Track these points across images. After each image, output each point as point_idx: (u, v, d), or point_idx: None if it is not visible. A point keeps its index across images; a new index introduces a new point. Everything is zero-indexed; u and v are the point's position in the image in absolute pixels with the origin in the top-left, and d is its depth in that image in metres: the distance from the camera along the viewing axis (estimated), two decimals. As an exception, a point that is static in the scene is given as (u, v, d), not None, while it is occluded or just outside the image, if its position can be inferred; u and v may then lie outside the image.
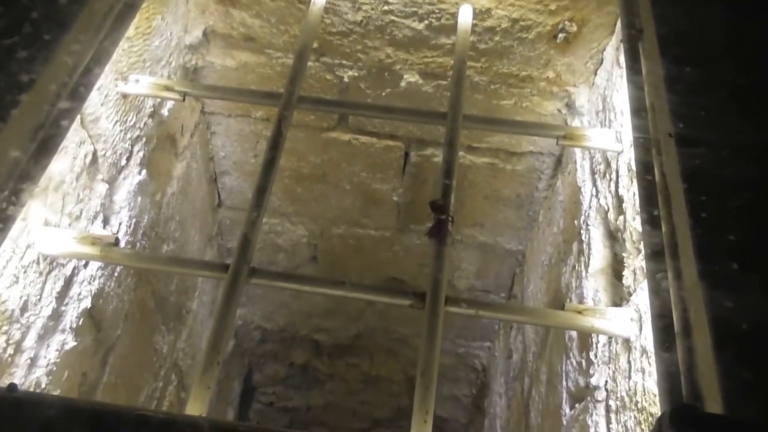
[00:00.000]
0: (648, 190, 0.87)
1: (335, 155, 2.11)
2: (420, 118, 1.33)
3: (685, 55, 0.89)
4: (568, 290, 1.55)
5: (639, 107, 0.97)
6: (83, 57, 1.01)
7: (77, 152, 1.18)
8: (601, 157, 1.42)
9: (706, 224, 0.73)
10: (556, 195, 1.86)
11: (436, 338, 1.00)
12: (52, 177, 1.11)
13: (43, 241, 1.06)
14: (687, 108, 0.83)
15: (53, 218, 1.12)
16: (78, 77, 1.03)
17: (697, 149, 0.78)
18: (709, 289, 0.67)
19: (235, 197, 2.37)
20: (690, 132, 0.80)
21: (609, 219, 1.33)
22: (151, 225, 1.62)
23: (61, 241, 1.07)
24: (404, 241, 2.43)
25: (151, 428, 0.65)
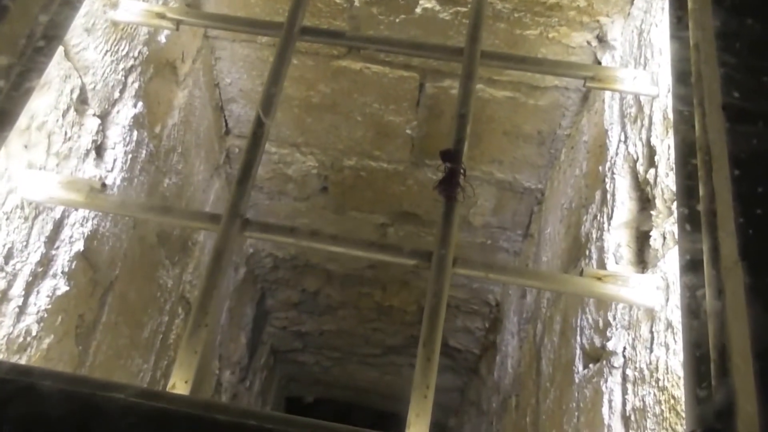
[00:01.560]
0: (689, 179, 0.75)
1: (346, 85, 2.00)
2: (433, 54, 1.21)
3: (746, 4, 0.74)
4: (588, 240, 1.46)
5: (683, 71, 0.84)
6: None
7: (62, 87, 1.09)
8: (633, 100, 1.30)
9: (762, 225, 0.59)
10: (581, 134, 1.75)
11: (441, 303, 0.93)
12: (35, 115, 1.02)
13: (26, 186, 0.99)
14: (745, 73, 0.68)
15: (38, 160, 1.04)
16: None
17: (755, 127, 0.65)
18: (758, 312, 0.55)
19: (243, 125, 2.27)
20: (747, 104, 0.66)
21: (638, 170, 1.23)
22: (150, 159, 1.54)
23: (45, 187, 1.00)
24: (418, 176, 2.33)
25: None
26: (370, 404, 5.00)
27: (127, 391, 0.60)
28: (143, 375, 1.70)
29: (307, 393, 5.05)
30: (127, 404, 0.57)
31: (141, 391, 0.63)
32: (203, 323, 0.86)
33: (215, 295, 0.89)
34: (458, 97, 1.10)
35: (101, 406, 0.58)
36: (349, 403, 4.99)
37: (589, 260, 1.43)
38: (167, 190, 1.71)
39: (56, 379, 0.62)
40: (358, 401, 4.98)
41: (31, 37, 0.90)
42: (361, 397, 4.95)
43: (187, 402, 0.66)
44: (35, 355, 1.09)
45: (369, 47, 1.45)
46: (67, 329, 1.22)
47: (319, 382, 4.78)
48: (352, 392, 4.89)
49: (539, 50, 1.66)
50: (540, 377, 1.84)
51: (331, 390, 4.95)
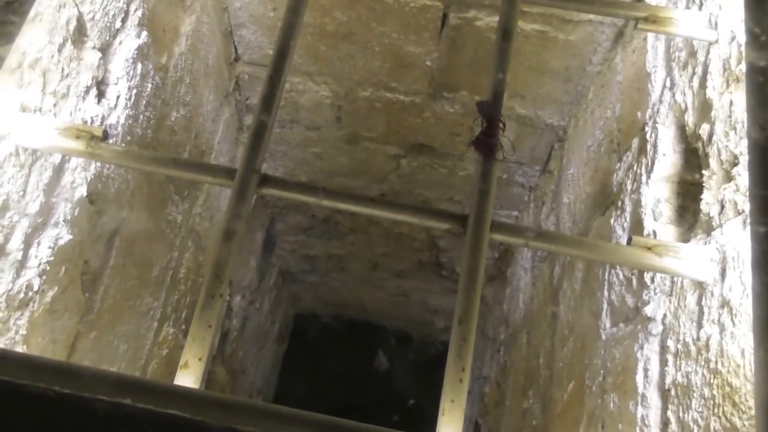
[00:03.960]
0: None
1: (364, 12, 1.86)
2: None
3: None
4: (620, 190, 1.38)
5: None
6: None
7: (56, 18, 0.98)
8: (683, 43, 1.19)
9: None
10: (614, 73, 1.63)
11: (478, 272, 0.85)
12: (27, 52, 0.92)
13: (20, 132, 0.90)
14: None
15: (32, 101, 0.95)
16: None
17: None
18: None
19: (254, 52, 2.14)
20: None
21: (686, 121, 1.13)
22: (156, 92, 1.44)
23: (42, 132, 0.91)
24: (435, 108, 2.22)
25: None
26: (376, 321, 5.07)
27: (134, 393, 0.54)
28: (153, 312, 1.66)
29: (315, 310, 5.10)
30: (135, 412, 0.51)
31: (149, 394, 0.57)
32: (218, 293, 0.79)
33: (231, 262, 0.82)
34: (495, 47, 0.99)
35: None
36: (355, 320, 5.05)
37: (622, 212, 1.36)
38: (175, 124, 1.62)
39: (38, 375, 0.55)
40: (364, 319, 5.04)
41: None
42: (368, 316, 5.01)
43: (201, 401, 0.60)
44: (38, 310, 1.04)
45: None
46: (72, 278, 1.16)
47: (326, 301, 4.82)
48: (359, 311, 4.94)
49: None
50: (556, 322, 1.80)
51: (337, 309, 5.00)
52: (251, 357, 3.58)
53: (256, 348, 3.69)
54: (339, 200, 0.92)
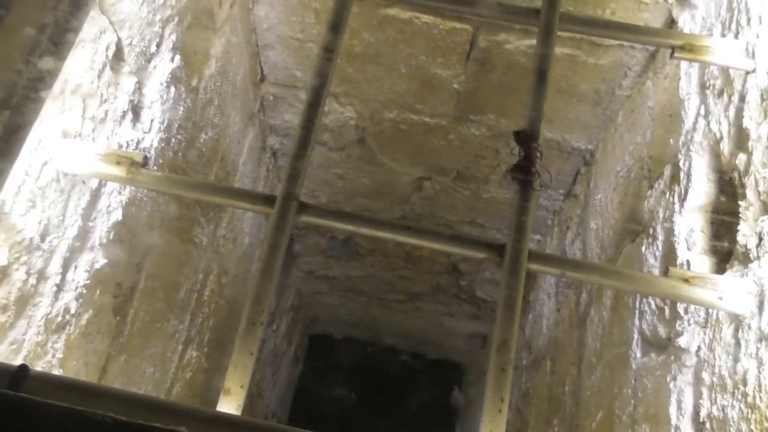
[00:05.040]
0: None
1: (392, 34, 1.87)
2: (506, 16, 1.09)
3: None
4: (652, 218, 1.37)
5: None
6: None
7: (97, 45, 1.00)
8: (719, 71, 1.18)
9: None
10: (645, 98, 1.62)
11: (516, 302, 0.85)
12: (69, 78, 0.93)
13: (61, 157, 0.91)
14: None
15: (73, 126, 0.96)
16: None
17: None
18: None
19: (279, 72, 2.16)
20: None
21: (721, 150, 1.11)
22: (187, 115, 1.45)
23: (83, 158, 0.92)
24: (461, 131, 2.22)
25: None
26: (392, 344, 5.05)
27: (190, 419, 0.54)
28: (178, 335, 1.66)
29: (331, 332, 5.09)
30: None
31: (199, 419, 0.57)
32: (258, 320, 0.79)
33: (271, 289, 0.82)
34: (533, 71, 0.99)
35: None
36: (371, 342, 5.04)
37: (654, 241, 1.34)
38: (203, 146, 1.63)
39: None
40: (380, 341, 5.03)
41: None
42: (383, 337, 4.99)
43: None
44: (74, 333, 1.04)
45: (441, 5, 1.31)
46: (105, 301, 1.16)
47: (342, 322, 4.81)
48: (374, 333, 4.93)
49: (608, 5, 1.53)
50: (583, 349, 1.78)
51: (353, 329, 4.98)
52: (267, 379, 3.57)
53: (272, 370, 3.68)
54: (377, 228, 0.92)
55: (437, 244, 0.93)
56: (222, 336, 2.19)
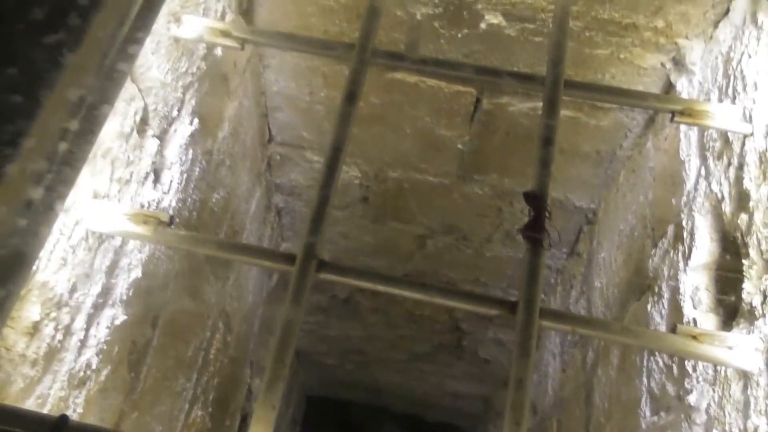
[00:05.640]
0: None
1: (398, 97, 1.93)
2: (512, 81, 1.15)
3: None
4: (657, 277, 1.39)
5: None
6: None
7: (127, 110, 1.04)
8: (718, 134, 1.23)
9: None
10: (645, 159, 1.68)
11: (529, 356, 0.87)
12: (101, 142, 0.98)
13: (91, 217, 0.94)
14: None
15: (102, 188, 1.00)
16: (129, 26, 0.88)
17: None
18: None
19: (286, 133, 2.22)
20: None
21: (723, 211, 1.15)
22: (202, 176, 1.49)
23: (111, 218, 0.95)
24: (464, 190, 2.27)
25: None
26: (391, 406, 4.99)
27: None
28: (185, 394, 1.66)
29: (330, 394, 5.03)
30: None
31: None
32: (281, 375, 0.81)
33: (293, 344, 0.84)
34: (539, 136, 1.04)
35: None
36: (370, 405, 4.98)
37: (659, 299, 1.37)
38: (215, 205, 1.66)
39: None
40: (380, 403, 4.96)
41: (102, 63, 0.85)
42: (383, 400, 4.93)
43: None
44: (93, 389, 1.05)
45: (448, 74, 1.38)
46: (122, 357, 1.17)
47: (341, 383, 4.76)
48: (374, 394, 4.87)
49: (608, 70, 1.59)
50: (591, 408, 1.78)
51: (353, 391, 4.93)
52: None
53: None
54: (392, 285, 0.95)
55: (451, 300, 0.95)
56: (225, 395, 2.18)
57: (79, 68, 0.70)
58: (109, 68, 0.81)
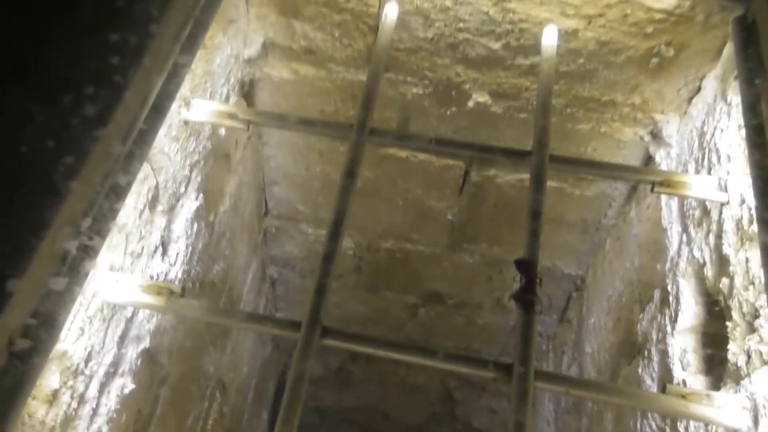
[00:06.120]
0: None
1: (391, 171, 2.02)
2: (500, 156, 1.23)
3: None
4: (646, 340, 1.44)
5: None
6: (151, 92, 0.92)
7: (141, 188, 1.11)
8: (697, 202, 1.31)
9: None
10: (630, 227, 1.75)
11: (525, 416, 0.91)
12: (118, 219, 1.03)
13: (107, 289, 0.99)
14: None
15: (117, 261, 1.05)
16: (147, 113, 0.95)
17: None
18: None
19: (282, 206, 2.29)
20: None
21: (705, 275, 1.22)
22: (205, 248, 1.55)
23: (126, 289, 0.99)
24: (455, 259, 2.33)
25: None
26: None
27: None
28: (184, 466, 1.66)
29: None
30: None
31: None
32: (288, 445, 0.84)
33: (299, 408, 0.88)
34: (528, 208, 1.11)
35: None
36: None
37: (649, 362, 1.41)
38: (216, 276, 1.71)
39: None
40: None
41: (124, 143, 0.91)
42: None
43: None
44: (101, 460, 1.07)
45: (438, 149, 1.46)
46: (128, 426, 1.20)
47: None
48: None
49: (590, 143, 1.69)
50: (588, 474, 1.79)
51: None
52: None
53: None
54: (393, 350, 1.00)
55: (448, 364, 1.00)
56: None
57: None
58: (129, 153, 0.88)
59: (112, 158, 0.75)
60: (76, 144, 0.61)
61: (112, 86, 0.66)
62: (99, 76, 0.65)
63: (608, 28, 1.40)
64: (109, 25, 0.69)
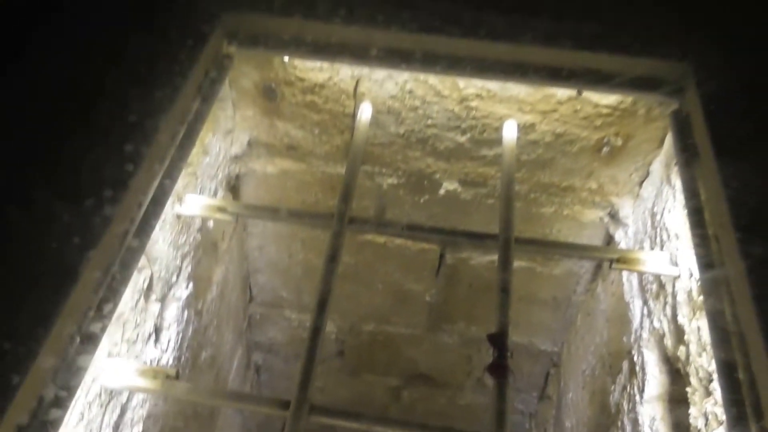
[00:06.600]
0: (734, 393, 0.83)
1: (369, 256, 2.11)
2: (470, 240, 1.34)
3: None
4: (618, 411, 1.52)
5: (708, 262, 0.95)
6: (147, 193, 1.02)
7: (137, 279, 1.19)
8: (653, 277, 1.42)
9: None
10: (597, 302, 1.85)
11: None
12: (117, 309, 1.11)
13: (106, 374, 1.05)
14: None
15: (114, 348, 1.12)
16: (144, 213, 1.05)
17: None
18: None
19: (266, 294, 2.36)
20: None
21: (665, 345, 1.31)
22: (194, 335, 1.61)
23: (124, 374, 1.06)
24: (434, 340, 2.40)
25: None
26: None
27: None
28: None
29: None
30: None
31: None
32: None
33: (292, 484, 0.93)
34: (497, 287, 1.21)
35: None
36: None
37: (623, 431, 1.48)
38: (203, 363, 1.76)
39: None
40: None
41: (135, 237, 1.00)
42: None
43: None
44: None
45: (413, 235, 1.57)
46: None
47: None
48: None
49: (554, 225, 1.81)
50: None
51: None
52: None
53: None
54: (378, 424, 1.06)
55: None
56: None
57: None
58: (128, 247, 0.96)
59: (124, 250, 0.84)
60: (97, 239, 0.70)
61: (127, 189, 0.76)
62: (116, 182, 0.75)
63: (562, 121, 1.54)
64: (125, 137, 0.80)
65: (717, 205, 1.01)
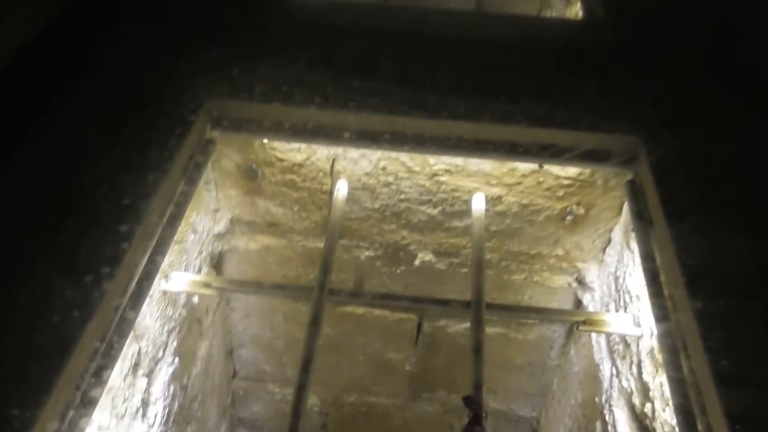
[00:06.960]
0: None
1: (350, 327, 2.17)
2: (444, 308, 1.41)
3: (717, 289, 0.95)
4: (595, 469, 1.56)
5: (666, 331, 1.03)
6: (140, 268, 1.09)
7: (126, 353, 1.24)
8: (619, 338, 1.49)
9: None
10: (571, 365, 1.91)
11: None
12: (106, 382, 1.15)
13: (95, 449, 1.09)
14: (728, 346, 0.87)
15: (104, 421, 1.15)
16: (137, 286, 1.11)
17: (744, 390, 0.82)
18: None
19: (249, 368, 2.39)
20: (736, 371, 0.83)
21: (634, 402, 1.38)
22: (180, 409, 1.64)
23: (112, 448, 1.10)
24: (416, 409, 2.43)
25: None
26: None
27: None
28: None
29: None
30: None
31: None
32: None
33: None
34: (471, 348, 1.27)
35: None
36: None
37: (600, 489, 1.52)
38: (187, 439, 1.78)
39: None
40: None
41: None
42: None
43: None
44: None
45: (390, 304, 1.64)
46: None
47: None
48: None
49: (525, 291, 1.89)
50: None
51: None
52: None
53: None
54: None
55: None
56: None
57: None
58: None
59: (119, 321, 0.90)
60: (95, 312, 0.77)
61: (122, 265, 0.83)
62: (113, 259, 0.82)
63: (527, 193, 1.65)
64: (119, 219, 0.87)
65: (669, 266, 1.10)
